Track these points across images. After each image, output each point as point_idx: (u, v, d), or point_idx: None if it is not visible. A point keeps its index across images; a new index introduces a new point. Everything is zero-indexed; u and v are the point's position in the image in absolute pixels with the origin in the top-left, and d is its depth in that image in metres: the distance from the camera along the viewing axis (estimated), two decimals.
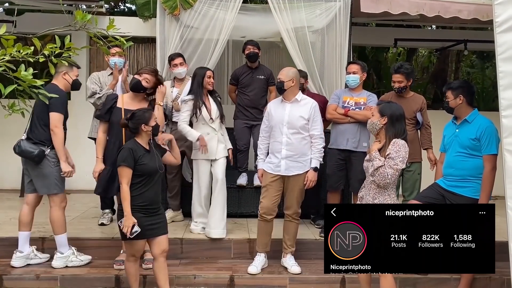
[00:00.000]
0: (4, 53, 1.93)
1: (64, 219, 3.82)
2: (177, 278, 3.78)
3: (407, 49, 10.59)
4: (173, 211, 4.82)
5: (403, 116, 3.17)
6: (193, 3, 4.93)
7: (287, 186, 3.89)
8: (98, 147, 3.73)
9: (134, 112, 3.35)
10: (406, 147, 3.07)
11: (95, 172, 3.68)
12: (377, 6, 4.84)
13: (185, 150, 4.69)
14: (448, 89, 3.76)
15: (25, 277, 3.70)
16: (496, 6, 3.28)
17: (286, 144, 3.84)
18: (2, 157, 6.53)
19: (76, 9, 6.17)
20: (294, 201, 3.90)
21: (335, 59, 5.09)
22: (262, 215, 3.90)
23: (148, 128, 3.30)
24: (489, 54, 9.81)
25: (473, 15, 4.86)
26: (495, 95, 7.35)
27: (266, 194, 3.89)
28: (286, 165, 3.85)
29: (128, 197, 3.15)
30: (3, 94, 1.90)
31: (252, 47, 4.96)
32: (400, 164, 3.02)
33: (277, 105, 3.96)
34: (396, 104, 3.25)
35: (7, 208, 5.41)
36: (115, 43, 2.20)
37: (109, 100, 3.77)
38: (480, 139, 3.56)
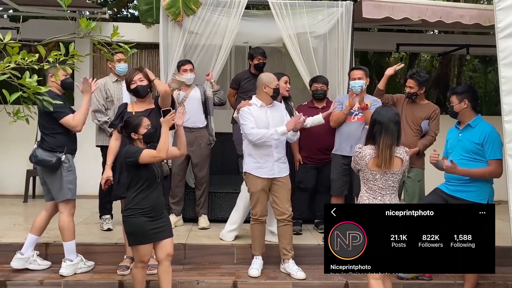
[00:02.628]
0: (9, 61, 1.94)
1: (73, 225, 3.81)
2: (180, 283, 3.78)
3: (409, 54, 10.60)
4: (176, 216, 4.83)
5: (381, 123, 3.05)
6: (196, 9, 4.96)
7: (277, 190, 3.90)
8: (109, 155, 3.76)
9: (126, 119, 3.40)
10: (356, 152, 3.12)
11: (103, 179, 3.73)
12: (379, 12, 4.85)
13: (189, 155, 4.71)
14: (453, 94, 3.76)
15: (28, 283, 3.71)
16: (498, 11, 3.29)
17: (275, 147, 3.90)
18: (6, 162, 6.57)
19: (80, 15, 6.21)
20: (287, 203, 3.91)
21: (337, 65, 5.12)
22: (257, 218, 3.93)
23: (139, 136, 3.29)
24: (491, 59, 9.80)
25: (475, 20, 4.87)
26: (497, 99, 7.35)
27: (259, 200, 3.90)
28: (279, 167, 3.91)
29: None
30: (9, 101, 1.92)
31: (262, 58, 5.01)
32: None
33: (256, 110, 3.92)
34: (388, 110, 3.19)
35: (11, 214, 5.43)
36: (119, 50, 2.21)
37: (120, 108, 3.86)
38: (484, 144, 3.56)
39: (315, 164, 4.76)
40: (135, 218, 3.22)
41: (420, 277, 3.87)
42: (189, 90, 4.79)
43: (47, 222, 3.89)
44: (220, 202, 5.06)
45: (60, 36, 2.14)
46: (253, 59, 5.05)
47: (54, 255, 3.97)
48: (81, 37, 2.15)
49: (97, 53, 5.92)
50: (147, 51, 6.93)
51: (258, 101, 3.96)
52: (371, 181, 3.08)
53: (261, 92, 3.95)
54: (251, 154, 3.92)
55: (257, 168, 3.89)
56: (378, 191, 3.06)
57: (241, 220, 4.47)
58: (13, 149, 6.50)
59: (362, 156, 3.07)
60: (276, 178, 3.90)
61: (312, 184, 4.80)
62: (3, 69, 1.92)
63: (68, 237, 3.77)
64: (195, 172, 4.89)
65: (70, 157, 3.81)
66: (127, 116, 3.59)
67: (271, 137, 3.80)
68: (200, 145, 4.80)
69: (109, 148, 3.80)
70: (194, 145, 4.76)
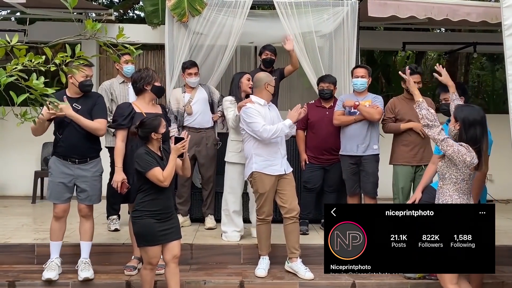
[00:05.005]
0: (17, 63, 1.96)
1: (56, 228, 3.75)
2: (187, 283, 3.78)
3: (415, 52, 10.56)
4: (182, 217, 4.84)
5: (478, 122, 2.94)
6: (202, 10, 4.98)
7: (284, 186, 3.90)
8: (119, 156, 3.68)
9: (143, 119, 3.37)
10: (463, 153, 2.88)
11: (117, 182, 3.66)
12: (385, 10, 4.83)
13: (195, 155, 4.72)
14: (444, 92, 3.71)
15: (37, 283, 3.73)
16: (505, 9, 3.28)
17: (281, 144, 3.95)
18: (15, 164, 6.63)
19: (86, 17, 6.25)
20: (294, 200, 3.91)
21: (343, 64, 5.10)
22: (264, 218, 3.93)
23: (158, 135, 3.30)
24: (499, 56, 9.73)
25: (482, 17, 4.83)
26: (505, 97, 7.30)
27: (267, 200, 3.89)
28: (286, 164, 3.97)
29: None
30: (16, 103, 1.93)
31: (270, 53, 5.02)
32: (436, 134, 2.93)
33: (260, 108, 3.94)
34: (473, 107, 3.06)
35: (19, 215, 5.47)
36: (125, 51, 2.22)
37: (125, 108, 3.76)
38: None
39: (322, 164, 4.76)
40: (144, 219, 3.23)
41: (427, 276, 3.85)
42: (194, 92, 4.80)
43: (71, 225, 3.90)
44: None
45: (66, 38, 2.15)
46: (261, 55, 5.08)
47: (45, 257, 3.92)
48: (87, 39, 2.15)
49: (103, 54, 5.95)
50: (153, 52, 6.96)
51: (260, 99, 3.97)
52: (466, 181, 3.00)
53: (263, 90, 3.96)
54: (259, 154, 3.88)
55: (268, 166, 3.87)
56: (467, 190, 3.02)
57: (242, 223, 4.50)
58: (21, 151, 6.55)
59: (473, 156, 2.91)
60: (281, 176, 3.91)
61: (318, 184, 4.79)
62: (11, 71, 1.93)
63: (51, 237, 3.79)
64: (202, 172, 4.90)
65: (54, 160, 3.74)
66: (139, 117, 3.57)
67: (282, 131, 3.82)
68: (207, 145, 4.81)
69: (117, 149, 3.73)
70: (201, 145, 4.77)
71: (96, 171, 3.79)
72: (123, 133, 3.69)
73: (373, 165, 4.43)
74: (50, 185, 3.78)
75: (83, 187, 3.72)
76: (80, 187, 3.73)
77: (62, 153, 3.71)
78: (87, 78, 3.65)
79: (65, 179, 3.69)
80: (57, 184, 3.69)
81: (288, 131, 3.89)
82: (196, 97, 4.78)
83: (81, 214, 3.80)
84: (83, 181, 3.72)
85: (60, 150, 3.71)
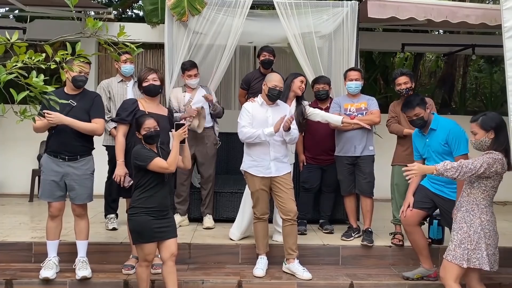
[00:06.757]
0: (17, 60, 1.95)
1: (52, 227, 3.75)
2: (185, 283, 3.78)
3: (414, 54, 10.58)
4: (181, 216, 4.84)
5: (504, 124, 3.03)
6: (201, 9, 4.97)
7: (279, 188, 3.89)
8: (120, 151, 3.70)
9: (137, 117, 3.44)
10: (491, 164, 2.92)
11: (119, 176, 3.67)
12: (384, 11, 4.83)
13: (195, 154, 4.72)
14: (417, 106, 3.67)
15: (34, 282, 3.72)
16: (505, 11, 3.28)
17: (273, 146, 3.88)
18: (12, 162, 6.61)
19: (85, 16, 6.24)
20: (292, 202, 3.90)
21: (342, 64, 5.11)
22: (259, 217, 3.94)
23: (139, 135, 3.33)
24: (497, 59, 9.77)
25: (481, 20, 4.84)
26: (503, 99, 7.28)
27: (259, 198, 3.91)
28: (276, 166, 3.89)
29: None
30: (16, 101, 1.93)
31: (268, 54, 5.02)
32: (471, 166, 2.89)
33: (256, 107, 3.94)
34: (492, 113, 3.12)
35: (16, 213, 5.45)
36: (125, 49, 2.22)
37: (129, 104, 3.77)
38: (448, 143, 3.59)
39: (319, 164, 4.76)
40: (140, 216, 3.24)
41: (425, 277, 3.86)
42: (194, 92, 4.79)
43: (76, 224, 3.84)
44: (225, 202, 5.06)
45: (67, 36, 2.14)
46: (259, 56, 5.09)
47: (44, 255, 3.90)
48: (88, 37, 2.15)
49: (103, 53, 5.94)
50: (152, 51, 6.95)
51: (260, 99, 3.97)
52: (495, 188, 3.04)
53: (263, 90, 3.97)
54: (248, 153, 3.95)
55: (253, 166, 3.90)
56: (493, 197, 3.06)
57: (247, 226, 4.42)
58: (19, 149, 6.54)
59: (503, 163, 2.96)
60: (274, 178, 3.89)
61: (316, 184, 4.80)
62: (11, 68, 1.92)
63: (47, 236, 3.79)
64: (201, 172, 4.89)
65: (46, 157, 3.72)
66: (140, 114, 3.58)
67: (258, 137, 3.81)
68: (206, 145, 4.81)
69: (118, 143, 3.73)
70: (200, 145, 4.76)
71: (86, 169, 3.75)
72: (125, 128, 3.71)
73: (369, 165, 4.47)
74: (42, 183, 3.77)
75: (72, 185, 3.69)
76: (70, 186, 3.70)
77: (52, 150, 3.69)
78: (80, 73, 3.61)
79: (56, 177, 3.66)
80: (49, 183, 3.67)
81: (265, 139, 3.81)
82: (197, 97, 4.78)
83: (74, 214, 3.79)
84: (72, 179, 3.68)
85: (51, 146, 3.70)
